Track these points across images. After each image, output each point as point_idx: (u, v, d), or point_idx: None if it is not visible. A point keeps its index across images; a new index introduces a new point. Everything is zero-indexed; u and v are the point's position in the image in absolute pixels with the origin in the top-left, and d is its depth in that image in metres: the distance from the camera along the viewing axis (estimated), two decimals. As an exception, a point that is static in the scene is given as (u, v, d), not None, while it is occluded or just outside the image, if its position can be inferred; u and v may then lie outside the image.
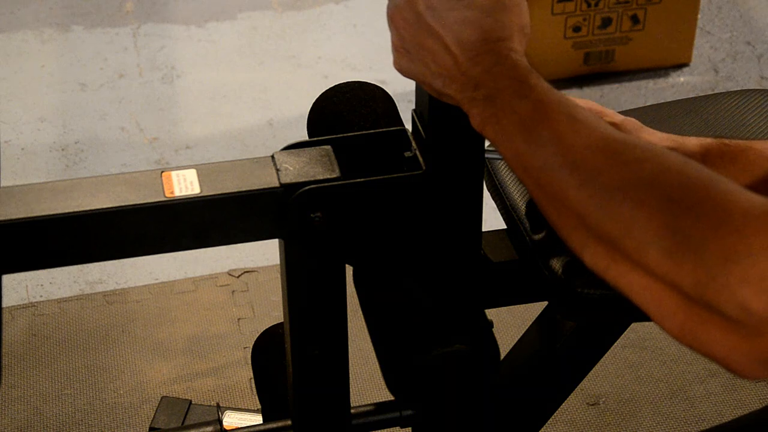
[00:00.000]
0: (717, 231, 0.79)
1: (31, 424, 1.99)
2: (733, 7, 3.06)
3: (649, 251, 0.82)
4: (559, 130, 0.91)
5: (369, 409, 1.22)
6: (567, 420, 1.97)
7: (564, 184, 0.89)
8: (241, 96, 2.79)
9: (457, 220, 1.10)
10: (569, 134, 0.90)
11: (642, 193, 0.84)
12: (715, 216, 0.80)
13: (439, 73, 0.98)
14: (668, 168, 0.85)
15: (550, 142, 0.91)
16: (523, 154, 0.93)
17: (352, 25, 3.01)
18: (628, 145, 0.88)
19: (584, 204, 0.88)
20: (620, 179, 0.86)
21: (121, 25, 3.02)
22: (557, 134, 0.91)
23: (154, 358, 2.10)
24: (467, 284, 1.14)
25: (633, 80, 2.80)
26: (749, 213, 0.79)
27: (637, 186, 0.84)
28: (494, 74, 0.96)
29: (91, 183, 1.03)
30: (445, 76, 0.98)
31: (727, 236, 0.78)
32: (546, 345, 1.36)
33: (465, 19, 0.97)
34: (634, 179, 0.85)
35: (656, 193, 0.83)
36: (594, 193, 0.87)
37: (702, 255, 0.79)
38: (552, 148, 0.91)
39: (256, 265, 2.30)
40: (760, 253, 0.77)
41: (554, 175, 0.90)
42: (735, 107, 1.33)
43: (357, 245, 1.08)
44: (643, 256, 0.83)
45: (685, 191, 0.83)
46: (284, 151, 1.08)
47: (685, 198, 0.82)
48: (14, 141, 2.65)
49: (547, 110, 0.92)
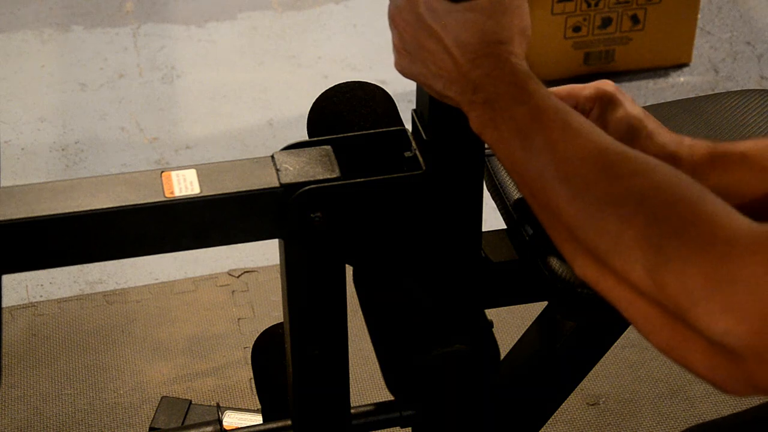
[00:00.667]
0: (700, 256, 0.79)
1: (31, 424, 1.99)
2: (733, 7, 3.06)
3: (635, 268, 0.82)
4: (554, 139, 0.91)
5: (369, 409, 1.22)
6: (567, 420, 1.97)
7: (556, 195, 0.89)
8: (241, 96, 2.79)
9: (457, 220, 1.10)
10: (563, 143, 0.90)
11: (630, 210, 0.84)
12: (699, 240, 0.80)
13: (440, 74, 0.98)
14: (658, 185, 0.84)
15: (544, 151, 0.91)
16: (519, 162, 0.93)
17: (352, 25, 3.01)
18: (621, 157, 0.88)
19: (574, 217, 0.88)
20: (610, 194, 0.86)
21: (121, 25, 3.02)
22: (551, 143, 0.91)
23: (154, 358, 2.10)
24: (467, 284, 1.14)
25: (633, 80, 2.80)
26: (734, 239, 0.79)
27: (626, 202, 0.84)
28: (493, 78, 0.96)
29: (91, 183, 1.03)
30: (445, 78, 0.98)
31: (711, 262, 0.78)
32: (546, 345, 1.36)
33: (465, 21, 0.97)
34: (624, 195, 0.85)
35: (644, 211, 0.83)
36: (584, 207, 0.87)
37: (685, 279, 0.79)
38: (546, 156, 0.91)
39: (256, 265, 2.30)
40: (743, 281, 0.77)
41: (547, 185, 0.90)
42: (735, 107, 1.33)
43: (357, 245, 1.08)
44: (628, 272, 0.83)
45: (672, 210, 0.82)
46: (284, 151, 1.08)
47: (671, 217, 0.82)
48: (14, 141, 2.65)
49: (543, 117, 0.92)
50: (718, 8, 3.05)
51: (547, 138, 0.91)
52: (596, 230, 0.85)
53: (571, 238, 0.88)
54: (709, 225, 0.80)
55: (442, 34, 0.97)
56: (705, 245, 0.79)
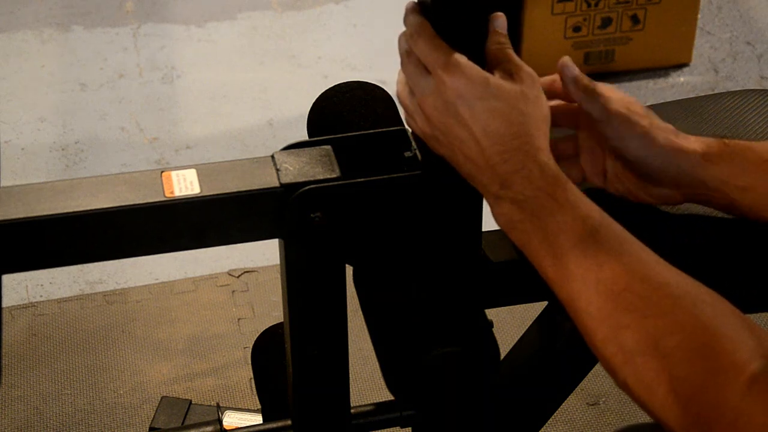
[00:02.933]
0: (710, 391, 0.84)
1: (31, 424, 1.99)
2: (733, 7, 3.06)
3: (668, 417, 0.87)
4: (585, 265, 0.93)
5: (369, 409, 1.22)
6: (567, 420, 1.97)
7: (588, 329, 0.93)
8: (241, 96, 2.79)
9: (457, 219, 1.10)
10: (594, 270, 0.92)
11: (657, 364, 0.88)
12: (714, 374, 0.84)
13: (468, 161, 0.99)
14: (683, 328, 0.88)
15: (574, 280, 0.93)
16: (550, 278, 0.96)
17: (352, 25, 3.01)
18: (653, 287, 0.91)
19: (602, 352, 0.92)
20: (639, 341, 0.89)
21: (121, 25, 3.02)
22: (582, 274, 0.93)
23: (154, 358, 2.10)
24: (467, 284, 1.14)
25: (633, 80, 2.80)
26: (744, 388, 0.83)
27: (653, 353, 0.88)
28: (523, 178, 0.97)
29: (91, 183, 1.03)
30: (473, 165, 0.99)
31: (718, 397, 0.83)
32: (546, 345, 1.35)
33: (494, 110, 0.97)
34: (651, 345, 0.88)
35: (670, 367, 0.87)
36: (616, 352, 0.90)
37: (690, 409, 0.84)
38: (576, 285, 0.93)
39: (256, 265, 2.30)
40: (748, 425, 0.81)
41: (577, 315, 0.94)
42: (735, 107, 1.33)
43: (357, 245, 1.08)
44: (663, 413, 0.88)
45: (696, 362, 0.86)
46: (284, 151, 1.08)
47: (696, 373, 0.86)
48: (14, 141, 2.65)
49: (573, 238, 0.94)
50: (718, 8, 3.05)
51: (577, 265, 0.93)
52: (630, 372, 0.90)
53: (601, 357, 0.93)
54: (725, 362, 0.85)
55: (470, 122, 0.98)
56: (717, 383, 0.85)
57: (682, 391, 0.85)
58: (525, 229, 0.97)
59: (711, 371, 0.84)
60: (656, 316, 0.89)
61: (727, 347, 0.85)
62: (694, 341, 0.86)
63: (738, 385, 0.82)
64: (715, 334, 0.86)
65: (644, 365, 0.88)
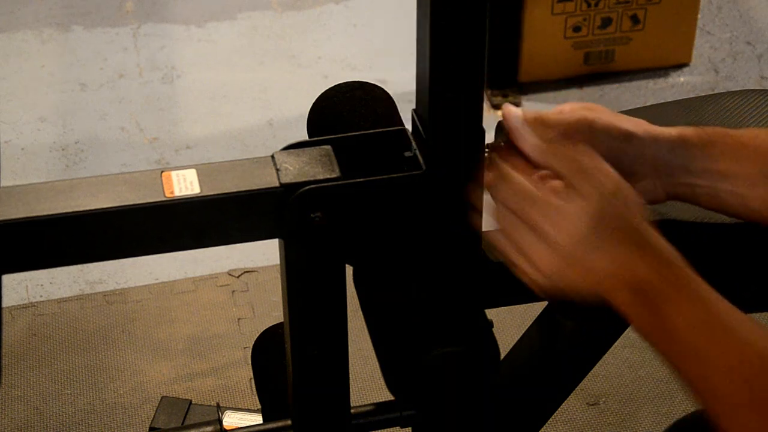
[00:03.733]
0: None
1: (31, 424, 1.99)
2: (733, 7, 3.06)
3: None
4: (708, 351, 0.99)
5: (369, 409, 1.22)
6: (567, 420, 1.97)
7: (708, 408, 0.98)
8: (241, 96, 2.79)
9: (457, 219, 1.10)
10: (716, 357, 0.98)
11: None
12: None
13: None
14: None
15: (695, 363, 1.00)
16: (674, 366, 1.03)
17: (352, 25, 3.01)
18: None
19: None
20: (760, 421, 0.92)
21: (121, 25, 3.02)
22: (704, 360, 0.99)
23: (154, 358, 2.10)
24: (467, 284, 1.14)
25: (633, 80, 2.80)
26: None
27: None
28: (641, 261, 0.99)
29: (91, 183, 1.03)
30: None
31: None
32: (546, 345, 1.35)
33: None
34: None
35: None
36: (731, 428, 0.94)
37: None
38: (698, 370, 1.00)
39: (256, 265, 2.30)
40: None
41: (698, 396, 0.99)
42: (735, 107, 1.33)
43: (357, 245, 1.08)
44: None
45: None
46: (284, 151, 1.08)
47: None
48: (14, 141, 2.65)
49: (696, 324, 0.99)
50: (718, 8, 3.05)
51: (700, 348, 1.00)
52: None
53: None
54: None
55: None
56: None
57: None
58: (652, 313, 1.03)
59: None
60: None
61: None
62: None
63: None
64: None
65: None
